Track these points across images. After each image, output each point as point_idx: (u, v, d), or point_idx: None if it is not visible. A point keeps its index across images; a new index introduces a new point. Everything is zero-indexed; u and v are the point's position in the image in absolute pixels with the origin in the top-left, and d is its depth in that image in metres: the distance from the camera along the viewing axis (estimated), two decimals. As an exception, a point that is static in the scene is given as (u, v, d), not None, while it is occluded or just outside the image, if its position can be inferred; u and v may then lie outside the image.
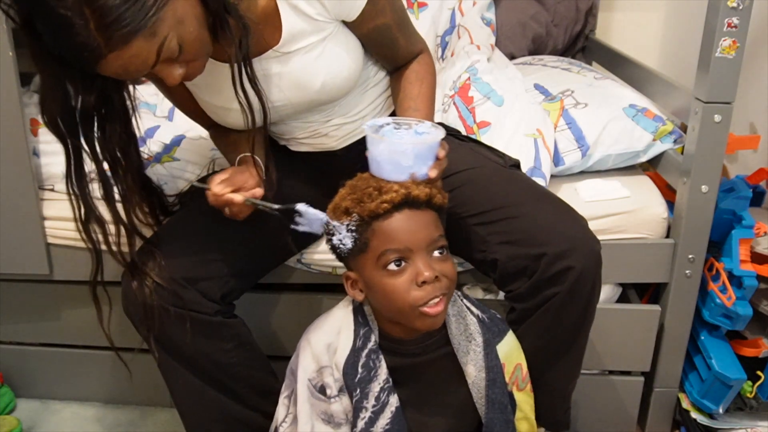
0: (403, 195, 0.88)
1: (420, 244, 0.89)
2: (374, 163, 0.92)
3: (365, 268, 0.92)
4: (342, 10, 0.99)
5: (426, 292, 0.88)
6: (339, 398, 0.96)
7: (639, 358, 1.34)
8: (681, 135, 1.36)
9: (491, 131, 1.34)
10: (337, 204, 0.92)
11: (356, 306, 1.00)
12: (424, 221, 0.91)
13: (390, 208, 0.88)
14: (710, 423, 1.33)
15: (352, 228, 0.90)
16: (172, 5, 0.83)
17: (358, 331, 0.97)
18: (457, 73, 1.54)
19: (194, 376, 1.07)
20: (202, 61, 0.94)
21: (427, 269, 0.88)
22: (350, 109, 1.13)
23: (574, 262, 0.97)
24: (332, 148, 1.16)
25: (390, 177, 0.91)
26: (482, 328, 1.00)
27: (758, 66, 1.53)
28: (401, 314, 0.91)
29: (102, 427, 1.46)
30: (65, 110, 0.92)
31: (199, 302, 1.03)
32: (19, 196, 1.30)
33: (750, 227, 1.27)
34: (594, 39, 1.98)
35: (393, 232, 0.89)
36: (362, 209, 0.89)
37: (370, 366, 0.96)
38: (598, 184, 1.34)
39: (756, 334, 1.32)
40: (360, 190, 0.91)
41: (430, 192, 0.91)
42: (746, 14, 1.11)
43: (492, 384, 0.98)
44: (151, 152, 1.40)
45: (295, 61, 1.01)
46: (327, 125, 1.13)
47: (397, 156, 0.90)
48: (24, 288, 1.42)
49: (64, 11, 0.77)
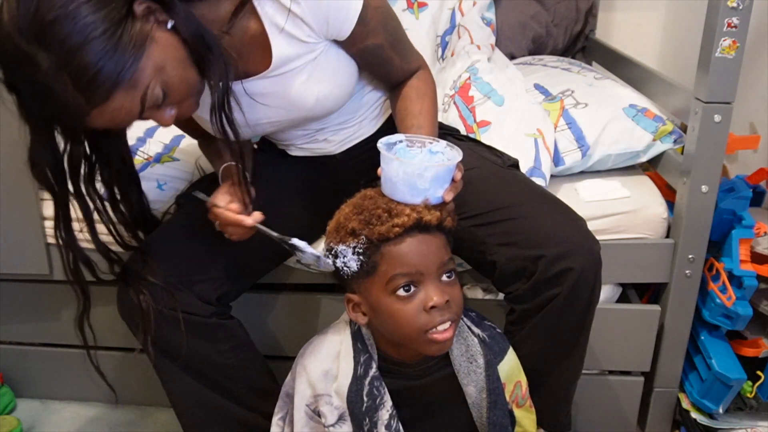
0: (415, 219, 0.85)
1: (431, 267, 0.87)
2: (388, 183, 0.89)
3: (371, 291, 0.89)
4: (330, 31, 0.98)
5: (435, 317, 0.86)
6: (338, 426, 0.95)
7: (639, 358, 1.33)
8: (681, 135, 1.36)
9: (491, 131, 1.34)
10: (342, 224, 0.89)
11: (355, 331, 0.97)
12: (435, 245, 0.88)
13: (401, 232, 0.86)
14: (710, 423, 1.33)
15: (359, 251, 0.87)
16: (149, 54, 0.81)
17: (358, 358, 0.95)
18: (458, 73, 1.54)
19: (191, 378, 1.07)
20: (194, 99, 0.92)
21: (437, 294, 0.86)
22: (348, 115, 1.13)
23: (574, 264, 0.96)
24: (331, 152, 1.16)
25: (404, 199, 0.88)
26: (483, 349, 0.98)
27: (758, 66, 1.53)
28: (409, 340, 0.89)
29: (102, 427, 1.46)
30: (54, 162, 0.92)
31: (195, 304, 1.03)
32: (19, 196, 1.30)
33: (750, 227, 1.27)
34: (594, 39, 1.98)
35: (404, 256, 0.86)
36: (371, 232, 0.86)
37: (375, 394, 0.94)
38: (598, 184, 1.34)
39: (756, 334, 1.32)
40: (368, 211, 0.87)
41: (441, 216, 0.88)
42: (746, 14, 1.11)
43: (493, 406, 0.97)
44: (151, 152, 1.40)
45: (287, 81, 1.00)
46: (325, 131, 1.13)
47: (414, 178, 0.86)
48: (24, 288, 1.42)
49: (43, 78, 0.77)
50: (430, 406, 0.99)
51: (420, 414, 0.99)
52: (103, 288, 1.37)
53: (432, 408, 0.99)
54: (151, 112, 0.87)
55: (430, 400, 0.99)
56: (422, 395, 0.98)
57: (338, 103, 1.06)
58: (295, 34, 0.96)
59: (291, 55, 0.98)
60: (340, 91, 1.04)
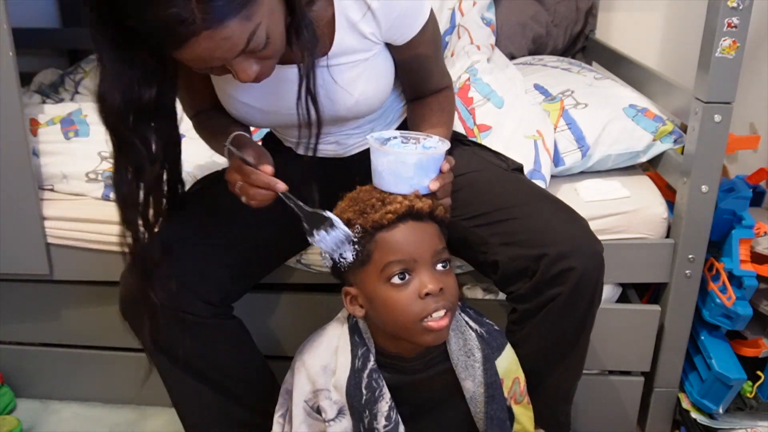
0: (407, 206, 0.88)
1: (424, 255, 0.88)
2: (376, 174, 0.92)
3: (367, 281, 0.90)
4: (395, 33, 0.99)
5: (429, 305, 0.87)
6: (338, 420, 0.95)
7: (639, 358, 1.34)
8: (681, 135, 1.36)
9: (491, 134, 1.34)
10: (338, 216, 0.91)
11: (352, 324, 0.98)
12: (428, 233, 0.90)
13: (394, 219, 0.87)
14: (710, 423, 1.33)
15: (353, 240, 0.89)
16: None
17: (356, 351, 0.96)
18: (457, 74, 1.54)
19: (192, 378, 1.07)
20: (275, 60, 0.91)
21: (431, 282, 0.87)
22: (365, 122, 1.13)
23: (576, 263, 0.96)
24: (340, 155, 1.16)
25: (390, 188, 0.90)
26: (481, 344, 0.98)
27: (758, 66, 1.53)
28: (405, 329, 0.90)
29: (102, 427, 1.46)
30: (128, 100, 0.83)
31: (197, 305, 1.03)
32: (19, 196, 1.30)
33: (750, 227, 1.27)
34: (594, 39, 1.98)
35: (397, 243, 0.88)
36: (365, 220, 0.88)
37: (373, 386, 0.94)
38: (598, 185, 1.34)
39: (756, 334, 1.32)
40: (362, 202, 0.90)
41: (433, 204, 0.90)
42: (746, 14, 1.11)
43: (491, 400, 0.97)
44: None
45: (336, 74, 1.00)
46: (339, 135, 1.13)
47: (398, 166, 0.89)
48: (24, 288, 1.42)
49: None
50: (427, 401, 0.99)
51: (418, 409, 0.99)
52: (104, 288, 1.38)
53: (430, 403, 1.00)
54: (244, 59, 0.84)
55: (428, 395, 0.99)
56: (420, 390, 0.98)
57: (373, 108, 1.06)
58: (360, 28, 0.97)
59: (350, 48, 0.99)
60: (380, 96, 1.05)
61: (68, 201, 1.34)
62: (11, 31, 1.20)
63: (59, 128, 1.37)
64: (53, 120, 1.39)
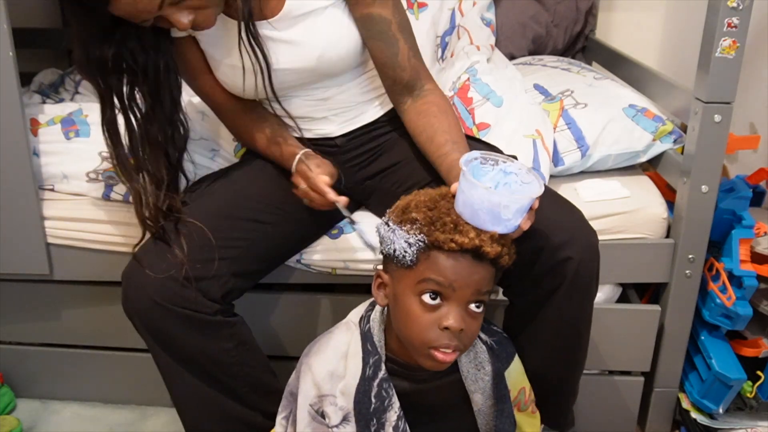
0: (474, 246, 0.84)
1: (465, 291, 0.85)
2: (468, 207, 0.85)
3: (401, 282, 0.89)
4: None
5: (443, 339, 0.86)
6: (342, 427, 0.95)
7: (639, 358, 1.34)
8: (681, 135, 1.36)
9: (490, 133, 1.34)
10: (410, 208, 0.88)
11: (365, 332, 0.97)
12: (480, 274, 0.86)
13: (456, 249, 0.84)
14: (710, 423, 1.33)
15: (410, 241, 0.86)
16: None
17: (367, 359, 0.94)
18: (457, 74, 1.54)
19: (193, 376, 1.07)
20: (212, 10, 0.95)
21: (455, 320, 0.85)
22: (350, 90, 1.13)
23: (572, 253, 0.97)
24: (331, 133, 1.16)
25: (484, 227, 0.85)
26: (491, 357, 0.98)
27: (758, 66, 1.53)
28: (411, 344, 0.89)
29: (102, 427, 1.46)
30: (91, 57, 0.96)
31: (200, 301, 1.03)
32: (19, 196, 1.30)
33: (750, 227, 1.27)
34: (594, 39, 1.98)
35: (446, 269, 0.85)
36: (429, 232, 0.85)
37: (383, 396, 0.94)
38: (598, 184, 1.34)
39: (756, 334, 1.32)
40: (438, 211, 0.86)
41: (500, 251, 0.86)
42: (746, 14, 1.11)
43: (500, 414, 0.97)
44: None
45: (296, 28, 1.03)
46: (326, 105, 1.14)
47: (499, 209, 0.83)
48: (24, 288, 1.42)
49: None
50: (435, 410, 0.99)
51: (425, 417, 0.98)
52: (104, 288, 1.38)
53: (437, 412, 0.99)
54: (173, 10, 0.90)
55: (436, 404, 0.99)
56: (427, 398, 0.98)
57: (341, 63, 1.08)
58: None
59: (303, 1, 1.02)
60: (344, 48, 1.07)
61: (68, 201, 1.34)
62: (11, 31, 1.20)
63: (59, 128, 1.37)
64: (53, 120, 1.39)
